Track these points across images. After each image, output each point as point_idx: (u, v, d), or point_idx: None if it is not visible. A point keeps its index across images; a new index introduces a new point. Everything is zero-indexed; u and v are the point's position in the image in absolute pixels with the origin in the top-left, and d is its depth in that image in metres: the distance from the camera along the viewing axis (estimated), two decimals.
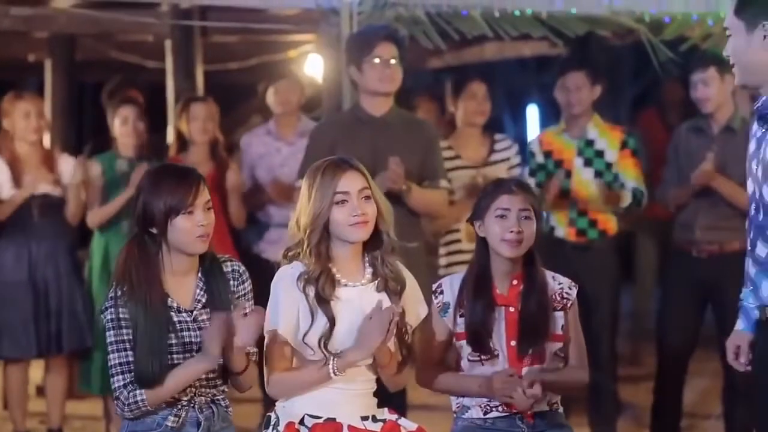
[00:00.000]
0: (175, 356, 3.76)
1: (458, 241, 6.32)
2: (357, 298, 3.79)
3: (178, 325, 3.78)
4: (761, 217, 3.53)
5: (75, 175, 6.60)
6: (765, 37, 3.55)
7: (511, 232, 3.97)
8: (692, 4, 6.67)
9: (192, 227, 3.75)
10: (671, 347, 6.38)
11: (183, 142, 6.84)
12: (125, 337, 3.74)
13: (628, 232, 8.23)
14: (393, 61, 5.51)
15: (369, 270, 3.84)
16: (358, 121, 5.58)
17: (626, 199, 6.35)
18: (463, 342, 4.02)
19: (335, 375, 3.72)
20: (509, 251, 3.98)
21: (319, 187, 3.75)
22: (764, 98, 3.56)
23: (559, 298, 4.06)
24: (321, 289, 3.73)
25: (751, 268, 3.62)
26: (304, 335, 3.74)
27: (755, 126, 3.65)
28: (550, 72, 8.80)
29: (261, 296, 3.90)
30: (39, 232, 6.52)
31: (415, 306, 3.92)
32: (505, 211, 4.00)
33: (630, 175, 6.38)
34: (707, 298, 6.25)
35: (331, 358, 3.71)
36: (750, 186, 3.65)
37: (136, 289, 3.74)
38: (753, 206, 3.59)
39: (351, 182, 3.77)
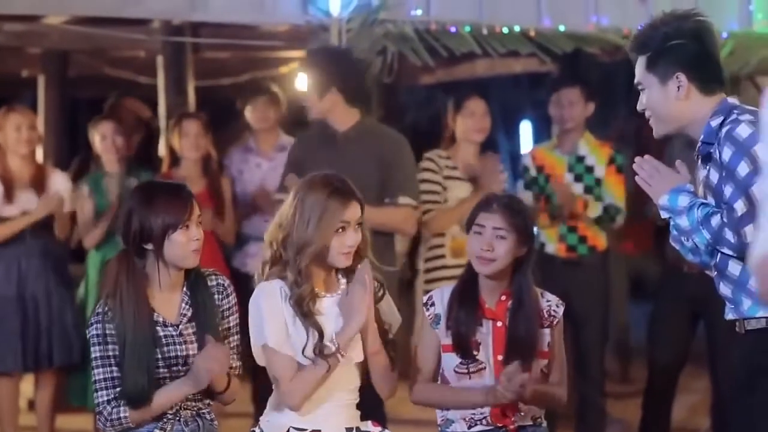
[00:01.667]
0: (160, 370, 3.79)
1: (443, 256, 6.32)
2: (335, 306, 3.81)
3: (163, 339, 3.81)
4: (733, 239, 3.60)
5: (64, 198, 6.63)
6: (679, 87, 3.66)
7: (482, 249, 4.00)
8: None
9: (188, 241, 3.79)
10: (662, 362, 6.40)
11: (175, 158, 6.88)
12: (111, 353, 3.78)
13: None
14: (308, 88, 5.63)
15: (343, 281, 3.87)
16: (322, 137, 5.65)
17: (593, 210, 6.38)
18: (450, 353, 4.04)
19: (342, 356, 3.72)
20: (480, 268, 4.01)
21: (324, 214, 3.73)
22: (700, 143, 3.66)
23: (546, 315, 4.08)
24: (306, 307, 3.75)
25: (724, 289, 3.69)
26: (303, 350, 3.75)
27: (704, 171, 3.72)
28: (542, 88, 8.84)
29: (243, 310, 3.91)
30: (29, 248, 6.54)
31: (391, 309, 3.95)
32: (480, 228, 4.03)
33: (611, 191, 6.42)
34: (698, 314, 6.27)
35: (333, 345, 3.73)
36: None
37: (125, 306, 3.77)
38: None
39: (353, 212, 3.78)
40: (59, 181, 6.68)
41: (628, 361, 8.68)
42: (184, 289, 3.88)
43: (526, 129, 16.52)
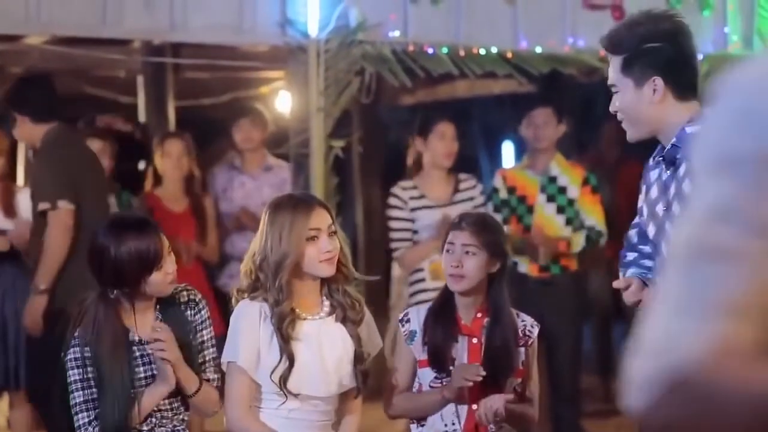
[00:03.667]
0: (138, 391, 3.82)
1: (422, 280, 6.34)
2: (316, 331, 3.84)
3: (139, 359, 3.85)
4: None
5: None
6: (655, 91, 3.56)
7: (451, 266, 4.04)
8: None
9: (164, 277, 3.83)
10: None
11: (158, 177, 6.89)
12: (90, 375, 3.79)
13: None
14: None
15: (326, 303, 3.90)
16: None
17: (576, 244, 6.39)
18: (426, 369, 4.07)
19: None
20: (453, 285, 4.06)
21: (293, 225, 3.77)
22: (669, 145, 3.62)
23: (521, 335, 4.12)
24: (285, 329, 3.77)
25: None
26: (272, 372, 3.78)
27: (657, 172, 3.69)
28: (523, 108, 8.88)
29: (226, 329, 3.93)
30: None
31: (372, 336, 3.98)
32: (450, 245, 4.08)
33: (589, 213, 6.42)
34: None
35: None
36: (652, 229, 3.71)
37: (100, 331, 3.79)
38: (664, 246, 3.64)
39: (321, 219, 3.82)
40: (27, 200, 6.65)
41: (611, 379, 8.70)
42: (157, 306, 3.91)
43: (507, 149, 16.58)
